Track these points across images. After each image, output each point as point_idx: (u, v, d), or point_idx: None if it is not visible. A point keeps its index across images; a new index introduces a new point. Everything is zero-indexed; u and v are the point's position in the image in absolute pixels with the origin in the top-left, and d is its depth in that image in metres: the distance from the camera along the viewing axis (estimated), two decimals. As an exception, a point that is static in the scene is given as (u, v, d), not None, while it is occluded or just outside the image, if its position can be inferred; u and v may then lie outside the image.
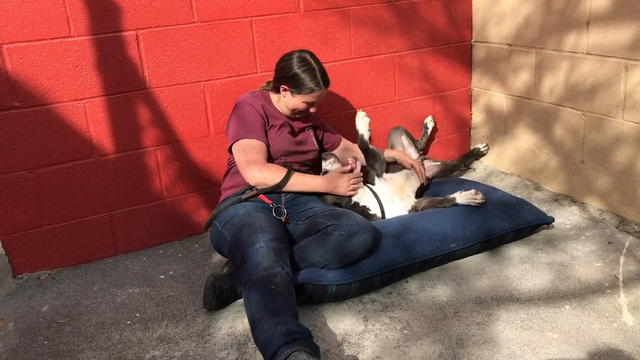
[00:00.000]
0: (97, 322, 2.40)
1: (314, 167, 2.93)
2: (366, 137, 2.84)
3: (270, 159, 2.68)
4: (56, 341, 2.30)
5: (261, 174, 2.57)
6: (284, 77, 2.65)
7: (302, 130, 2.85)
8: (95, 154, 2.80)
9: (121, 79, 2.76)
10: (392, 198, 2.83)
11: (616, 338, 2.06)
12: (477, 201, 2.71)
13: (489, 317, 2.23)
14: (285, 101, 2.70)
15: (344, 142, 3.09)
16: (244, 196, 2.59)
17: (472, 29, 3.61)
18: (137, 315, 2.44)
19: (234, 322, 2.33)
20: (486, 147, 3.67)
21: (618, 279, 2.41)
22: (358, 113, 2.85)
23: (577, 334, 2.10)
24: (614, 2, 2.69)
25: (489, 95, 3.61)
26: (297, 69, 2.61)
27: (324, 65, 2.66)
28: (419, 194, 2.96)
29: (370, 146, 2.89)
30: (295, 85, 2.62)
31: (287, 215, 2.57)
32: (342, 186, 2.70)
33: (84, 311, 2.49)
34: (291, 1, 3.03)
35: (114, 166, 2.85)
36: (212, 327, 2.31)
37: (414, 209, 2.83)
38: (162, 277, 2.74)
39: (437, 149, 3.71)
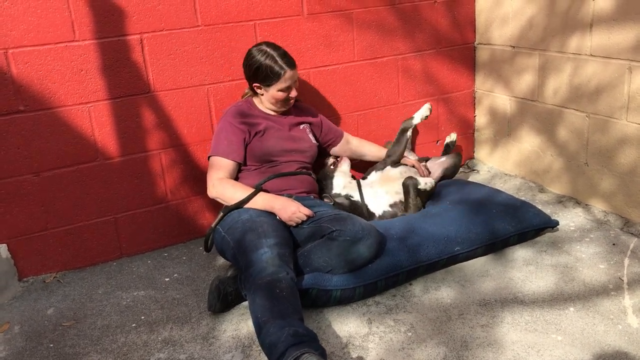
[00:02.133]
0: (103, 325, 2.41)
1: (315, 168, 2.96)
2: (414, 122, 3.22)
3: (269, 162, 2.71)
4: (62, 344, 2.30)
5: (214, 189, 2.62)
6: (252, 76, 2.70)
7: (296, 125, 2.85)
8: (100, 157, 2.81)
9: (126, 83, 2.77)
10: (376, 190, 2.96)
11: (621, 340, 2.06)
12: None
13: (493, 320, 2.23)
14: (265, 98, 2.73)
15: (346, 136, 3.12)
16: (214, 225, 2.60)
17: (475, 31, 3.61)
18: (142, 318, 2.45)
19: (239, 324, 2.33)
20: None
21: (622, 280, 2.41)
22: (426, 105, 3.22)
23: (581, 336, 2.09)
24: (618, 4, 2.68)
25: (493, 97, 3.60)
26: (257, 62, 2.65)
27: (328, 68, 2.66)
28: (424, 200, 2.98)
29: (406, 133, 3.18)
30: (264, 78, 2.66)
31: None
32: (287, 213, 2.51)
33: (89, 314, 2.50)
34: (294, 4, 3.03)
35: (119, 169, 2.86)
36: (217, 329, 2.32)
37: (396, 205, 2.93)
38: (166, 279, 2.74)
39: (440, 151, 3.70)
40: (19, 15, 2.51)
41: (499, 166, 3.69)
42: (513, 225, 2.68)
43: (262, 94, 2.73)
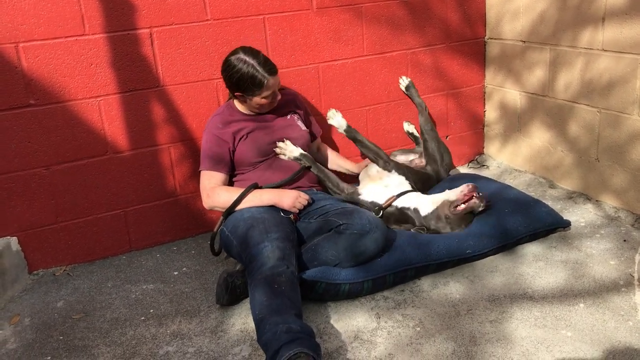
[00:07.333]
0: (112, 318, 2.42)
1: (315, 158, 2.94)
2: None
3: (262, 161, 2.70)
4: (71, 336, 2.32)
5: (209, 199, 2.63)
6: (232, 86, 2.61)
7: (283, 115, 2.81)
8: (109, 151, 2.82)
9: (135, 77, 2.78)
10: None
11: (631, 336, 2.04)
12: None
13: (503, 315, 2.22)
14: (248, 105, 2.67)
15: (319, 142, 3.09)
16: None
17: (485, 26, 3.59)
18: (151, 311, 2.46)
19: (247, 318, 2.34)
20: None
21: (633, 277, 2.39)
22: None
23: (591, 332, 2.08)
24: (630, -2, 2.66)
25: (503, 92, 3.58)
26: (237, 73, 2.55)
27: (337, 62, 2.64)
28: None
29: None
30: (245, 89, 2.57)
31: (296, 213, 2.58)
32: (289, 201, 2.58)
33: (99, 307, 2.52)
34: (304, -2, 3.03)
35: (128, 163, 2.87)
36: (225, 323, 2.33)
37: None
38: (175, 273, 2.75)
39: (450, 146, 3.68)
40: (29, 9, 2.52)
41: (508, 162, 3.67)
42: (525, 226, 2.65)
43: (245, 102, 2.66)
